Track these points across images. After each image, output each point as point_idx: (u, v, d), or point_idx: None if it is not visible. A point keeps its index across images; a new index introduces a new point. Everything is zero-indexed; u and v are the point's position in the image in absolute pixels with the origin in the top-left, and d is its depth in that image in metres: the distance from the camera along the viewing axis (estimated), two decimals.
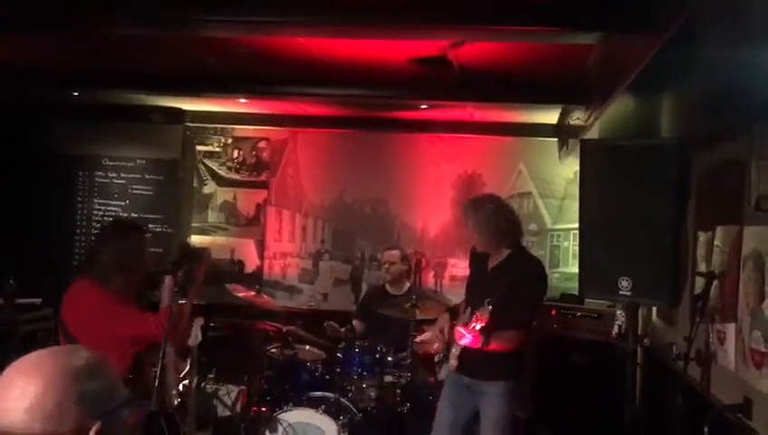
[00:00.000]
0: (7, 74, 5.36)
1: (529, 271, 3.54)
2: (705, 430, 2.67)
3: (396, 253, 5.38)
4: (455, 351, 3.42)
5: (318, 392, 4.49)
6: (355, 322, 5.35)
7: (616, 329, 4.74)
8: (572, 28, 3.18)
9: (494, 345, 3.30)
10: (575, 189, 3.39)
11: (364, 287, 6.64)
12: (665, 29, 2.29)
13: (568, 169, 6.18)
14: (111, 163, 6.97)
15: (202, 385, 4.54)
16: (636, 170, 3.02)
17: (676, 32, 2.19)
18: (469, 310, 3.36)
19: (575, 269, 3.57)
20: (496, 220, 3.54)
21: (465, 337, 3.28)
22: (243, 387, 4.64)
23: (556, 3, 3.11)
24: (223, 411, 4.61)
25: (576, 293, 4.05)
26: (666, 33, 2.28)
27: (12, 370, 1.20)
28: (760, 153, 2.56)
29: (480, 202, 3.68)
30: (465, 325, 3.29)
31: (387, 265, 5.39)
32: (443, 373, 3.75)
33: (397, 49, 4.27)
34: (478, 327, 3.17)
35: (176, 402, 3.35)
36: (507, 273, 3.50)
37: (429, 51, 4.18)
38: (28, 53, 4.91)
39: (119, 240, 3.26)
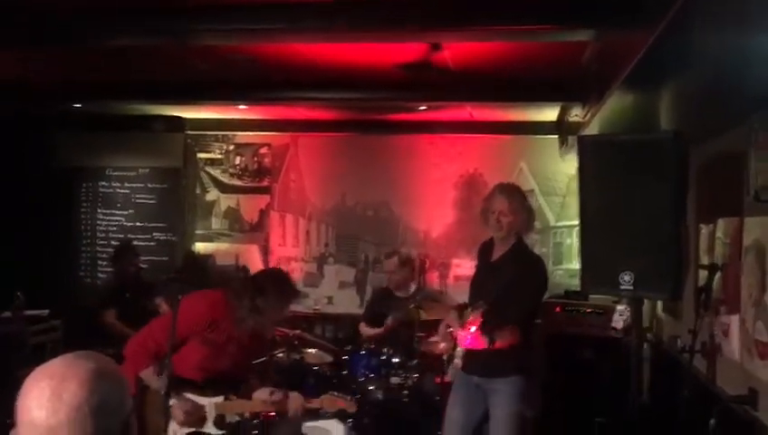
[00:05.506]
0: (8, 88, 5.40)
1: (529, 268, 3.56)
2: (712, 422, 2.68)
3: (394, 260, 5.33)
4: (459, 350, 3.43)
5: None
6: (362, 325, 5.35)
7: (621, 324, 4.75)
8: (564, 25, 3.20)
9: (498, 344, 3.32)
10: (577, 186, 3.39)
11: (368, 290, 6.65)
12: (656, 22, 2.29)
13: (569, 166, 6.15)
14: (115, 173, 6.99)
15: None
16: (634, 165, 3.02)
17: (667, 24, 2.20)
18: (468, 310, 3.37)
19: (579, 266, 3.59)
20: (528, 205, 3.67)
21: (466, 339, 3.31)
22: None
23: (547, 1, 3.12)
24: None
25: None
26: (657, 26, 2.28)
27: (45, 373, 1.24)
28: (758, 144, 2.57)
29: (514, 186, 3.79)
30: (463, 328, 3.32)
31: (388, 275, 5.38)
32: (450, 374, 3.75)
33: (392, 52, 4.29)
34: (473, 330, 3.20)
35: None
36: (508, 268, 3.52)
37: (416, 55, 4.20)
38: (29, 66, 4.94)
39: None
